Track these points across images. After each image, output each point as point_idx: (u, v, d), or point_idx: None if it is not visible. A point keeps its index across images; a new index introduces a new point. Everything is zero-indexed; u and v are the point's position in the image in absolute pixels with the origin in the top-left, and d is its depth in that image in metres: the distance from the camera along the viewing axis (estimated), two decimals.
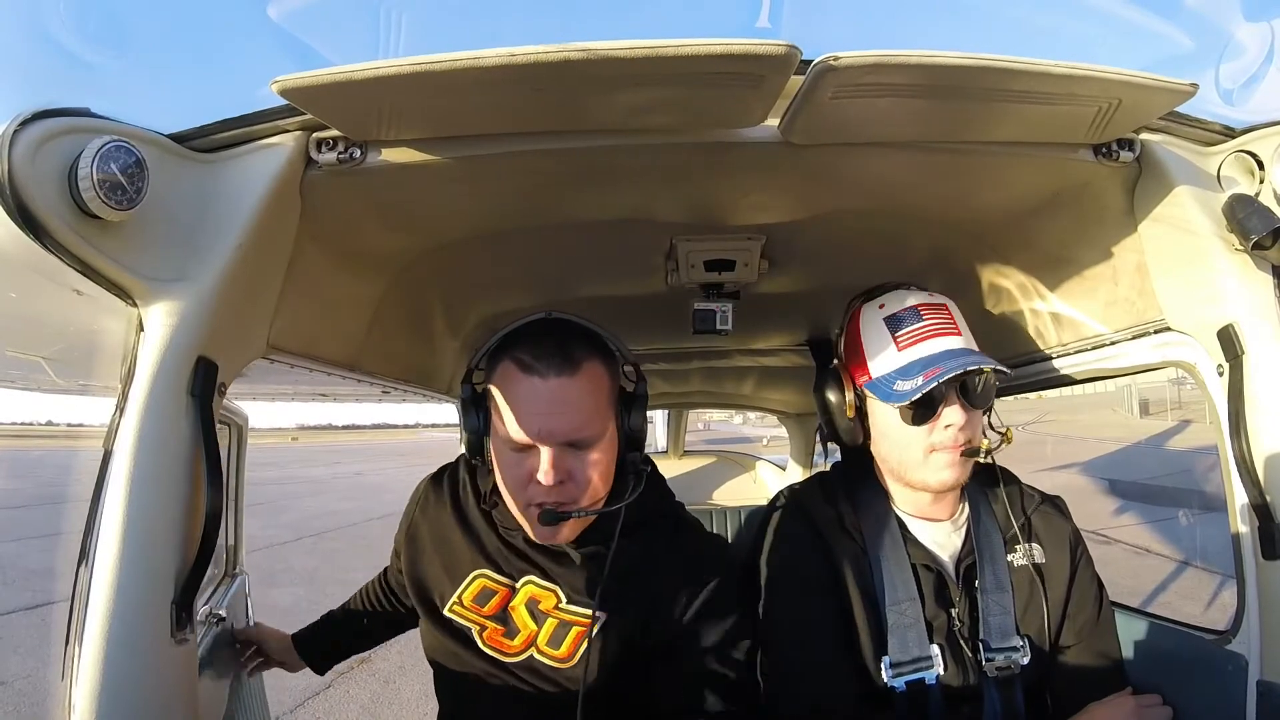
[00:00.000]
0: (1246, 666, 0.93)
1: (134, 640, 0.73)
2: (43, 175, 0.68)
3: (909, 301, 1.07)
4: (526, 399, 0.94)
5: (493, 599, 1.07)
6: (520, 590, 1.07)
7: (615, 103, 0.81)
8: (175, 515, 0.78)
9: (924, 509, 1.11)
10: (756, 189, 1.08)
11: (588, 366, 0.96)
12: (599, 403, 0.97)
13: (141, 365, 0.77)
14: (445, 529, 1.13)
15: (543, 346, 0.95)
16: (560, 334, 0.98)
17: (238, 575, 1.82)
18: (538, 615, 1.05)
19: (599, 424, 0.97)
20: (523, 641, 1.05)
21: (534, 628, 1.05)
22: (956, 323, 1.06)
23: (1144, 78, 0.80)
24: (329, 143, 0.88)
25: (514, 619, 1.06)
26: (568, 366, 0.94)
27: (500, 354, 0.99)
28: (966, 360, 0.98)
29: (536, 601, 1.06)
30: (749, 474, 3.34)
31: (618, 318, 1.83)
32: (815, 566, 1.08)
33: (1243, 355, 0.91)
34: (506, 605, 1.07)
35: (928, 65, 0.75)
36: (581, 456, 0.96)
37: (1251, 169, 0.94)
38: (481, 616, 1.07)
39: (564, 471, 0.95)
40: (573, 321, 1.03)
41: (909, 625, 1.04)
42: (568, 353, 0.95)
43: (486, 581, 1.08)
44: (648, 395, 1.06)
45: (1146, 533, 7.69)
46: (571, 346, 0.96)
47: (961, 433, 1.02)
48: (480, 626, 1.07)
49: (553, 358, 0.94)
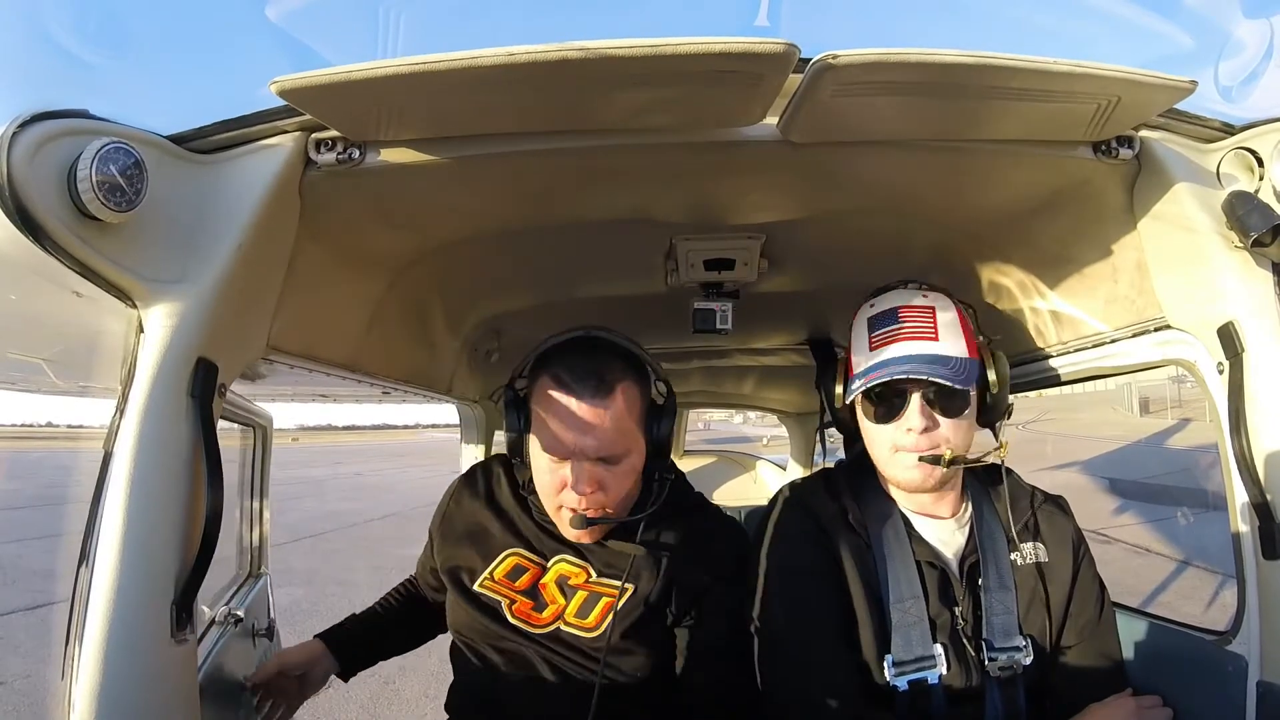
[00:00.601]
0: (1246, 667, 0.93)
1: (134, 640, 0.73)
2: (42, 177, 0.68)
3: (894, 303, 1.09)
4: (562, 417, 1.01)
5: (524, 575, 1.13)
6: (551, 568, 1.13)
7: (614, 102, 0.81)
8: (175, 516, 0.78)
9: (927, 506, 1.11)
10: (756, 188, 1.08)
11: (621, 388, 1.03)
12: (630, 421, 1.05)
13: (141, 366, 0.77)
14: (479, 517, 1.19)
15: (580, 368, 1.02)
16: (598, 355, 1.05)
17: (261, 576, 1.82)
18: (567, 590, 1.11)
19: (629, 441, 1.05)
20: (551, 615, 1.10)
21: (563, 602, 1.11)
22: (937, 327, 1.05)
23: (1143, 75, 0.80)
24: (328, 143, 0.88)
25: (543, 594, 1.12)
26: (602, 389, 1.01)
27: (540, 368, 1.07)
28: (908, 368, 1.01)
29: (566, 578, 1.12)
30: (749, 474, 3.35)
31: (618, 317, 1.83)
32: (818, 561, 1.08)
33: (1243, 353, 0.91)
34: (537, 582, 1.13)
35: (927, 63, 0.75)
36: (612, 469, 1.04)
37: (1251, 166, 0.94)
38: (512, 590, 1.12)
39: (594, 483, 1.03)
40: (610, 341, 1.10)
41: (913, 624, 1.03)
42: (603, 376, 1.02)
43: (519, 559, 1.14)
44: (676, 409, 1.14)
45: (1146, 532, 7.69)
46: (607, 369, 1.03)
47: (923, 436, 1.03)
48: (510, 600, 1.12)
49: (588, 380, 1.01)
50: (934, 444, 1.03)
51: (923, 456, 1.03)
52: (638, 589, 1.10)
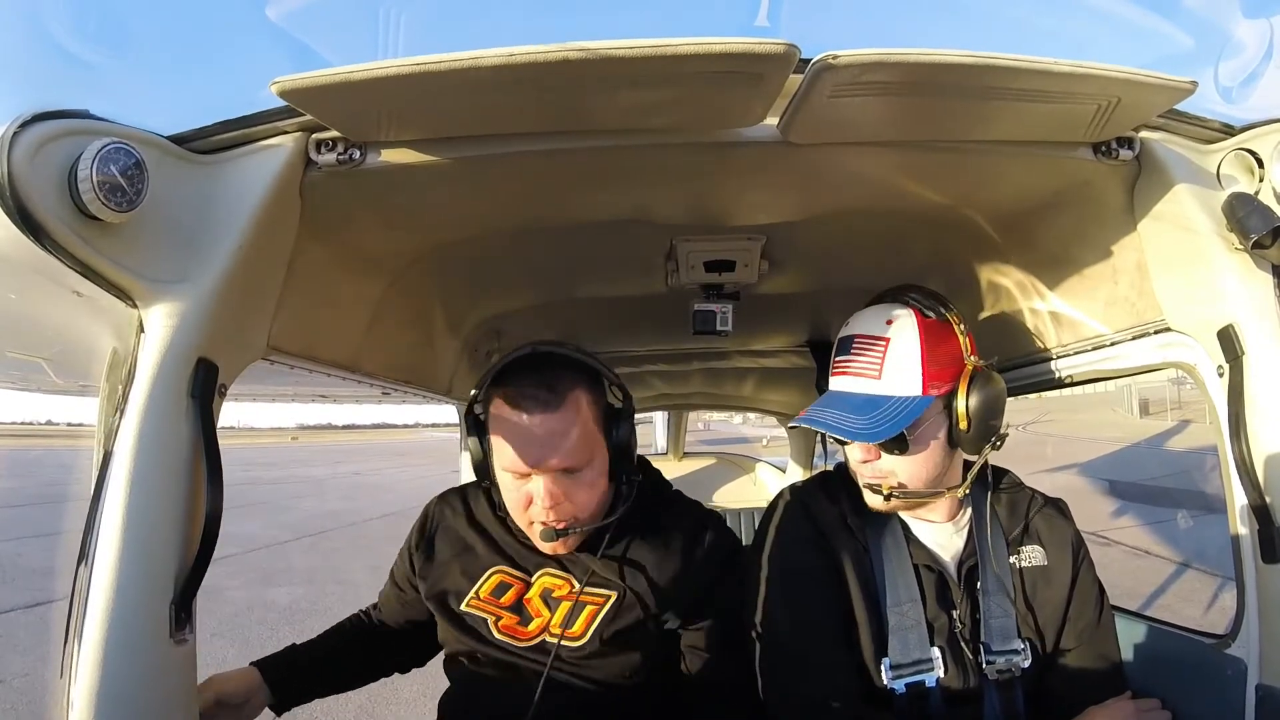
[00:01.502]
0: (1246, 670, 0.93)
1: (133, 640, 0.73)
2: (42, 177, 0.68)
3: (857, 328, 1.08)
4: (517, 433, 1.02)
5: (509, 591, 1.13)
6: (536, 583, 1.13)
7: (614, 102, 0.81)
8: (175, 516, 0.78)
9: (921, 510, 1.11)
10: (756, 189, 1.08)
11: (571, 398, 1.03)
12: (585, 429, 1.04)
13: (142, 366, 0.77)
14: (462, 537, 1.19)
15: (530, 382, 1.02)
16: (547, 368, 1.04)
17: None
18: (552, 603, 1.11)
19: (587, 450, 1.04)
20: (537, 628, 1.11)
21: (548, 614, 1.11)
22: (884, 364, 1.03)
23: (1143, 75, 0.80)
24: (328, 143, 0.88)
25: (529, 609, 1.12)
26: (554, 401, 1.01)
27: (493, 388, 1.06)
28: (826, 415, 1.03)
29: (551, 591, 1.12)
30: (749, 476, 3.34)
31: (618, 318, 1.83)
32: (817, 563, 1.08)
33: (1243, 356, 0.91)
34: (522, 597, 1.13)
35: (927, 63, 0.74)
36: (574, 479, 1.04)
37: (1251, 167, 0.94)
38: (498, 607, 1.12)
39: (559, 495, 1.03)
40: (556, 353, 1.08)
41: (910, 627, 1.04)
42: (553, 387, 1.02)
43: (503, 576, 1.14)
44: (634, 410, 1.14)
45: (1146, 534, 7.68)
46: (557, 380, 1.03)
47: (864, 466, 1.07)
48: (495, 616, 1.12)
49: (539, 393, 1.01)
50: (877, 475, 1.05)
51: (866, 484, 1.07)
52: (624, 595, 1.10)
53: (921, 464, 1.04)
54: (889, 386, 1.02)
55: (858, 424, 1.00)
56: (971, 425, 1.02)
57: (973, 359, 1.05)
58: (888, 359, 1.03)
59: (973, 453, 1.09)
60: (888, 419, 0.99)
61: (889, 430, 0.98)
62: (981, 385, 1.02)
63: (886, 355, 1.03)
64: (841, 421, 1.01)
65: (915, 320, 1.04)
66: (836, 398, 1.06)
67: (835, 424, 1.01)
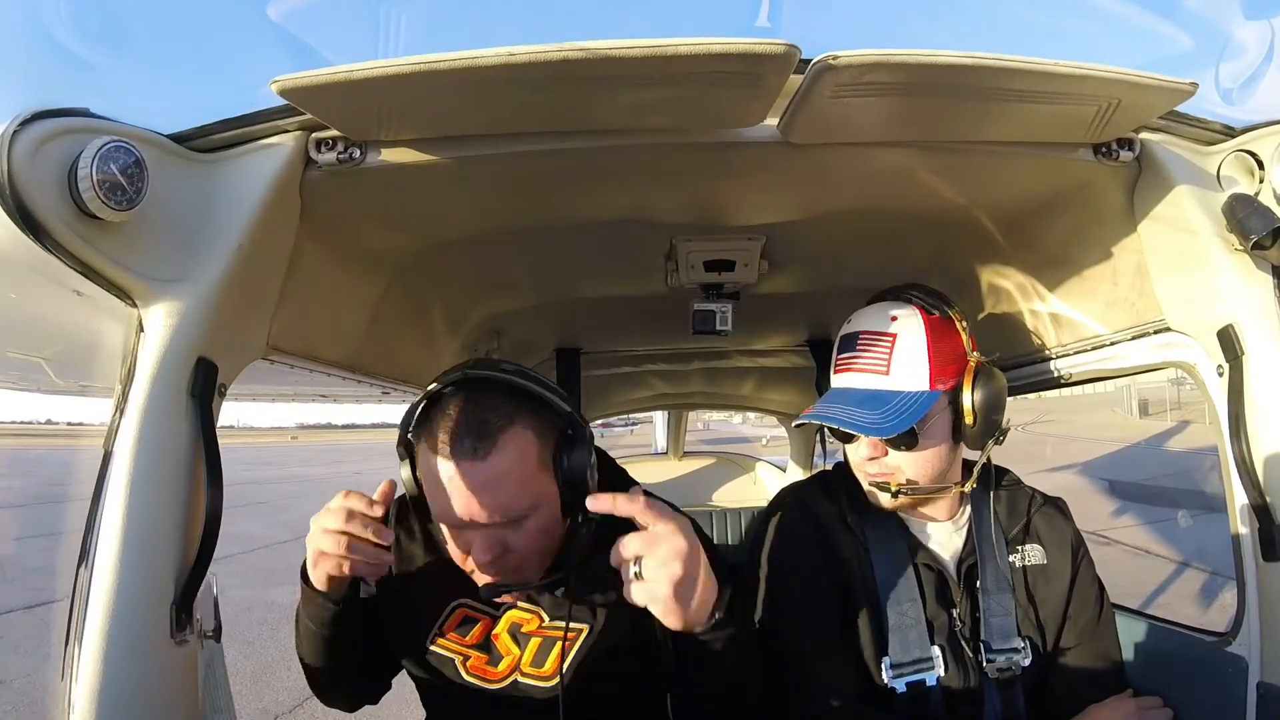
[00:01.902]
0: (1246, 669, 0.93)
1: (134, 641, 0.73)
2: (42, 176, 0.68)
3: (861, 325, 1.08)
4: (444, 485, 0.87)
5: (474, 627, 1.04)
6: (502, 617, 1.04)
7: (614, 103, 0.81)
8: (175, 516, 0.78)
9: (921, 509, 1.11)
10: (756, 189, 1.08)
11: (507, 439, 0.87)
12: (526, 472, 0.89)
13: (141, 366, 0.77)
14: (420, 565, 1.07)
15: (457, 424, 0.87)
16: (479, 402, 0.89)
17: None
18: (520, 639, 1.04)
19: (529, 495, 0.90)
20: (507, 667, 1.03)
21: (517, 652, 1.03)
22: (891, 359, 1.02)
23: (1143, 77, 0.80)
24: (328, 143, 0.87)
25: (497, 646, 1.04)
26: (482, 446, 0.86)
27: (420, 427, 0.91)
28: (836, 411, 1.02)
29: (519, 625, 1.04)
30: (749, 475, 3.34)
31: (618, 318, 1.83)
32: (816, 562, 1.08)
33: (1242, 356, 0.91)
34: (489, 633, 1.04)
35: (927, 64, 0.74)
36: (517, 529, 0.90)
37: (1251, 168, 0.94)
38: (464, 646, 1.04)
39: (499, 548, 0.90)
40: (494, 379, 0.92)
41: (910, 625, 1.04)
42: (483, 431, 0.86)
43: (466, 610, 1.04)
44: (590, 438, 0.95)
45: (1146, 534, 7.68)
46: (490, 417, 0.87)
47: (870, 464, 1.05)
48: (464, 656, 1.04)
49: (466, 439, 0.86)
50: (883, 472, 1.05)
51: (873, 482, 1.06)
52: (594, 629, 1.01)
53: (929, 460, 1.04)
54: (897, 381, 1.02)
55: (868, 419, 0.99)
56: (977, 420, 1.03)
57: (975, 355, 1.05)
58: (895, 354, 1.03)
59: (977, 448, 1.10)
60: (898, 414, 0.99)
61: (901, 424, 0.99)
62: (985, 380, 1.03)
63: (894, 350, 1.03)
64: (851, 416, 1.00)
65: (920, 316, 1.05)
66: (843, 394, 1.05)
67: (846, 419, 1.00)
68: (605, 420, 3.86)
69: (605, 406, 3.05)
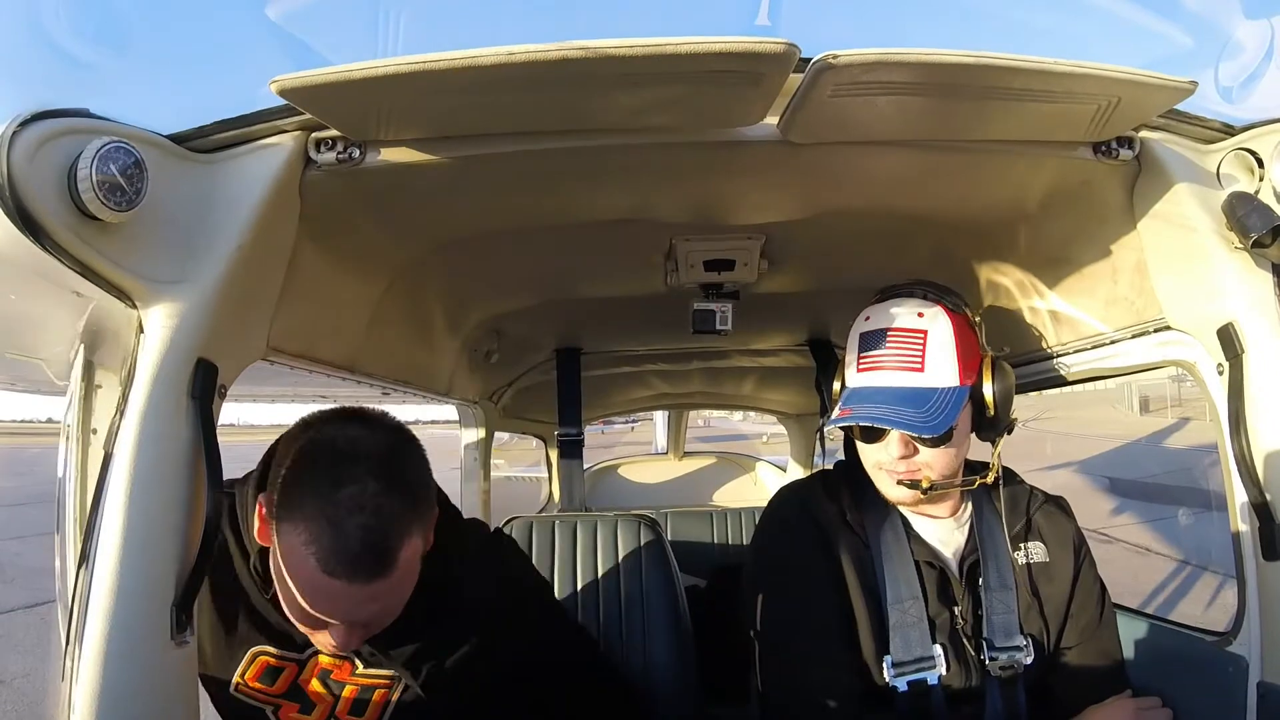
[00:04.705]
0: (1247, 668, 0.93)
1: (133, 642, 0.73)
2: (42, 176, 0.67)
3: (886, 322, 1.05)
4: (328, 596, 0.80)
5: (280, 675, 0.98)
6: (308, 663, 0.99)
7: (614, 102, 0.81)
8: (175, 518, 0.77)
9: (925, 506, 1.11)
10: (756, 188, 1.08)
11: (407, 549, 0.81)
12: (414, 570, 0.86)
13: (141, 367, 0.77)
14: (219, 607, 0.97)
15: (352, 541, 0.77)
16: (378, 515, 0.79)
17: None
18: (332, 685, 0.99)
19: (410, 588, 0.87)
20: (320, 715, 0.99)
21: (332, 699, 0.99)
22: (925, 356, 1.01)
23: (1143, 75, 0.80)
24: (328, 143, 0.87)
25: (308, 693, 0.99)
26: (382, 565, 0.79)
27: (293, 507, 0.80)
28: (880, 410, 0.99)
29: (329, 672, 0.99)
30: (749, 475, 3.35)
31: (617, 318, 1.83)
32: (817, 560, 1.08)
33: (1242, 354, 0.91)
34: (297, 679, 0.99)
35: (927, 63, 0.74)
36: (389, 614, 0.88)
37: (1251, 167, 0.94)
38: (271, 696, 0.99)
39: (361, 634, 0.87)
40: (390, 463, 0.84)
41: (912, 624, 1.03)
42: (386, 555, 0.79)
43: (268, 659, 0.98)
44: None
45: (1146, 532, 7.68)
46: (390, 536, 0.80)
47: (901, 462, 1.03)
48: (274, 705, 0.99)
49: (365, 560, 0.78)
50: (913, 469, 1.03)
51: (901, 480, 1.04)
52: (416, 678, 0.97)
53: (956, 455, 1.05)
54: (932, 378, 1.01)
55: (918, 417, 0.97)
56: (997, 413, 1.04)
57: (988, 349, 1.07)
58: (929, 350, 1.02)
59: (990, 439, 1.11)
60: (940, 410, 0.98)
61: (944, 422, 0.98)
62: (1002, 374, 1.05)
63: (926, 347, 1.02)
64: (901, 416, 0.98)
65: (945, 312, 1.04)
66: (877, 392, 1.02)
67: (897, 419, 0.98)
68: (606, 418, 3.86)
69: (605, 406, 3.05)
